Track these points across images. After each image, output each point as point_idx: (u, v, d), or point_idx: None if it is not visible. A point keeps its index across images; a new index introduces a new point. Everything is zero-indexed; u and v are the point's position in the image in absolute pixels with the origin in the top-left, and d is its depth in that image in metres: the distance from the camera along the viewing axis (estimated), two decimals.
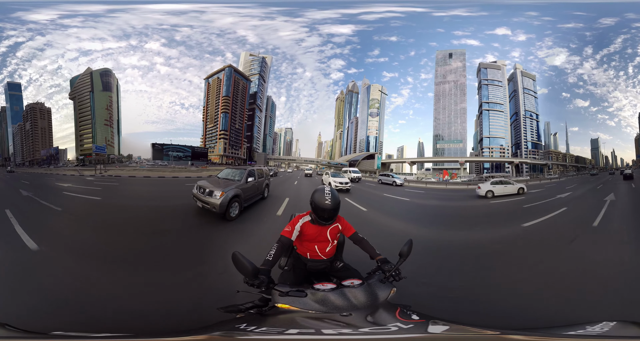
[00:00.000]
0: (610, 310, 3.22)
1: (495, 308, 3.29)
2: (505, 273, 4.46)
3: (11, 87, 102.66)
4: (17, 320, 1.84)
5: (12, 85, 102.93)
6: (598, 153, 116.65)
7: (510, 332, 1.42)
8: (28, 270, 3.99)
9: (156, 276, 3.96)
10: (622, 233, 7.08)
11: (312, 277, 2.46)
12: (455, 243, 6.24)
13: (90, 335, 1.69)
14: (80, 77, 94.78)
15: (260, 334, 1.41)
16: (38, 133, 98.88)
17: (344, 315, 1.57)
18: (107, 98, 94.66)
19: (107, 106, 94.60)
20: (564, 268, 4.60)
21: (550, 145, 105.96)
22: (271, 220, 7.63)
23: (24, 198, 11.35)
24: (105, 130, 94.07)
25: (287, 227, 2.36)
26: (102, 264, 4.38)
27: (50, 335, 1.68)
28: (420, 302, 2.68)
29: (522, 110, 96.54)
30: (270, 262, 2.03)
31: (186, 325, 2.78)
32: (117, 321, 2.82)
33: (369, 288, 1.83)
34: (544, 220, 8.74)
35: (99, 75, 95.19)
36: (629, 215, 9.67)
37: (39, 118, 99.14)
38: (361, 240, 2.42)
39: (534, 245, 6.22)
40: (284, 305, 1.67)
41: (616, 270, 4.47)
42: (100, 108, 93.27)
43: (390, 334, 1.39)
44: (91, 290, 3.44)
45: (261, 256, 2.07)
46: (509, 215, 10.64)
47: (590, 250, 5.69)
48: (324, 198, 2.27)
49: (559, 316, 3.04)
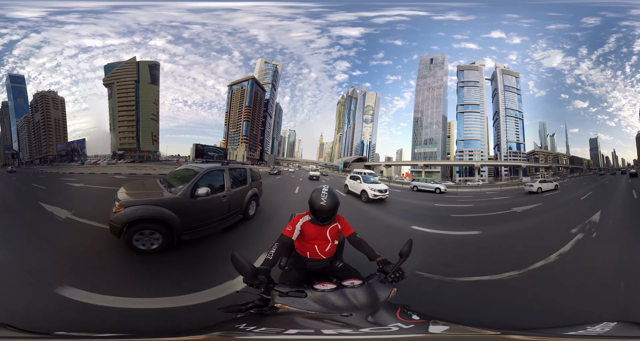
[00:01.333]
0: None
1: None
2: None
3: (13, 80, 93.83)
4: (18, 320, 1.85)
5: (15, 78, 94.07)
6: (597, 153, 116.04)
7: (511, 332, 1.42)
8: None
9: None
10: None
11: (312, 277, 2.46)
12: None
13: (93, 335, 1.70)
14: (122, 64, 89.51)
15: (260, 334, 1.41)
16: (51, 125, 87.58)
17: (344, 315, 1.56)
18: (155, 92, 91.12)
19: (154, 100, 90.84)
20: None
21: (547, 146, 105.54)
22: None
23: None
24: (152, 125, 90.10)
25: (287, 226, 2.36)
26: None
27: (54, 335, 1.69)
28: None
29: (501, 109, 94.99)
30: (271, 261, 2.03)
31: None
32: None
33: (369, 288, 1.83)
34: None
35: (147, 66, 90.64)
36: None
37: (52, 108, 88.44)
38: (360, 241, 2.40)
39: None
40: (283, 305, 1.67)
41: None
42: (146, 101, 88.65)
43: (391, 334, 1.38)
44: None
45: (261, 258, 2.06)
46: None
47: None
48: (321, 198, 2.26)
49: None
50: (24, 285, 3.48)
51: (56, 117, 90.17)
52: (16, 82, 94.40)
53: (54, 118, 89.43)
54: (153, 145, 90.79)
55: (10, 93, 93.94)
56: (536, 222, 9.48)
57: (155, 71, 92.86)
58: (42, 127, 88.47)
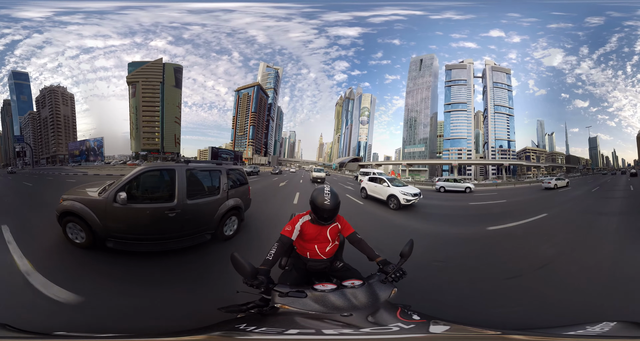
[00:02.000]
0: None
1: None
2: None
3: (16, 76, 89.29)
4: (18, 320, 1.85)
5: (18, 74, 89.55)
6: (597, 152, 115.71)
7: (511, 332, 1.42)
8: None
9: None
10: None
11: (313, 277, 2.46)
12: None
13: (93, 335, 1.70)
14: (149, 64, 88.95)
15: (260, 334, 1.41)
16: (60, 122, 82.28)
17: (344, 315, 1.57)
18: (178, 96, 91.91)
19: (178, 104, 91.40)
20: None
21: (545, 145, 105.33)
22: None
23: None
24: (175, 127, 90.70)
25: (287, 226, 2.36)
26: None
27: (53, 335, 1.69)
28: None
29: (490, 107, 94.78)
30: (270, 262, 2.03)
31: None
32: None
33: (369, 288, 1.83)
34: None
35: (173, 70, 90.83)
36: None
37: (61, 104, 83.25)
38: (359, 240, 2.40)
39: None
40: (284, 305, 1.67)
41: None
42: (171, 104, 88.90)
43: (392, 334, 1.39)
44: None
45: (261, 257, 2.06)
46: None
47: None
48: (323, 198, 2.26)
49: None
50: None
51: (65, 113, 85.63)
52: (19, 79, 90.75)
53: (63, 114, 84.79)
54: (176, 146, 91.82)
55: (13, 91, 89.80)
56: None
57: (179, 75, 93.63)
58: (50, 124, 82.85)
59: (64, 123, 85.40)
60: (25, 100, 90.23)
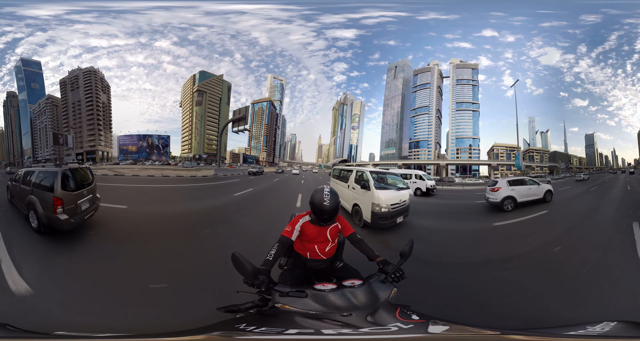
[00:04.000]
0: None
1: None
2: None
3: (26, 64, 74.28)
4: (18, 320, 1.85)
5: (28, 62, 74.03)
6: (593, 150, 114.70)
7: (511, 332, 1.42)
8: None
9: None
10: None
11: (313, 277, 2.46)
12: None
13: (92, 335, 1.70)
14: (214, 78, 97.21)
15: (260, 334, 1.41)
16: (100, 110, 62.75)
17: (344, 315, 1.56)
18: (227, 112, 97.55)
19: (228, 118, 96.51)
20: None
21: (536, 143, 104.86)
22: None
23: None
24: (224, 137, 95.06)
25: (287, 227, 2.36)
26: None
27: (53, 335, 1.69)
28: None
29: (449, 105, 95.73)
30: (270, 262, 2.04)
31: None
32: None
33: (369, 288, 1.83)
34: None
35: (227, 88, 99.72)
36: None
37: (101, 92, 64.41)
38: (359, 241, 2.40)
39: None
40: (284, 305, 1.67)
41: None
42: (224, 118, 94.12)
43: (391, 334, 1.39)
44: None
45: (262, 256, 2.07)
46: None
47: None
48: (324, 198, 2.26)
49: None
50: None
51: (105, 102, 67.25)
52: (30, 67, 76.75)
53: (103, 102, 65.37)
54: (224, 152, 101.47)
55: (22, 79, 75.88)
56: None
57: (229, 93, 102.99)
58: (86, 111, 61.11)
59: (104, 113, 66.42)
60: (36, 88, 75.34)
